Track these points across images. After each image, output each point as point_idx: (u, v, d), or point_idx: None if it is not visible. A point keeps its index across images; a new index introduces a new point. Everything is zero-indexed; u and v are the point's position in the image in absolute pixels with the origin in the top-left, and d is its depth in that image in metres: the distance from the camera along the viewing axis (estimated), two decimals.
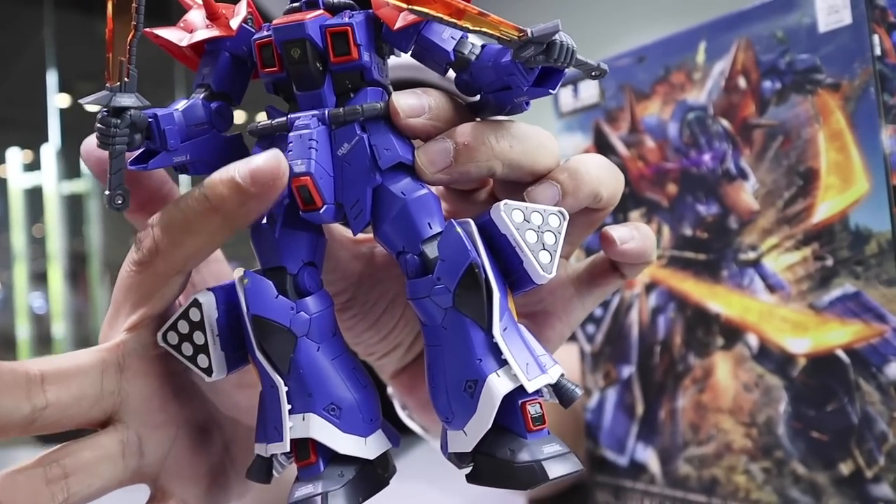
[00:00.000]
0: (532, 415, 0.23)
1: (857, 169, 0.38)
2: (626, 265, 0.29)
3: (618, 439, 0.50)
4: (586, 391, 0.52)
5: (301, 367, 0.24)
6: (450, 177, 0.25)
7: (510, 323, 0.24)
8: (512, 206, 0.24)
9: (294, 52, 0.24)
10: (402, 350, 0.34)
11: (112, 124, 0.23)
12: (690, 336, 0.46)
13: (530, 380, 0.23)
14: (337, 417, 0.24)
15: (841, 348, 0.39)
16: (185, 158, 0.25)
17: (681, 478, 0.46)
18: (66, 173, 3.37)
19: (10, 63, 4.02)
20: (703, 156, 0.45)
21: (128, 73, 0.24)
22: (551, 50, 0.22)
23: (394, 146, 0.24)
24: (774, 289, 0.42)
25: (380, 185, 0.24)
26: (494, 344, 0.23)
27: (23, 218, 3.37)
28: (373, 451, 0.25)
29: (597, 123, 0.50)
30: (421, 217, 0.24)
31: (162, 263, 0.25)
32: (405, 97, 0.25)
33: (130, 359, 0.26)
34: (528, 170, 0.26)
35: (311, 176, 0.23)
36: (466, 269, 0.23)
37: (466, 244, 0.23)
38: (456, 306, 0.23)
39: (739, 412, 0.43)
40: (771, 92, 0.41)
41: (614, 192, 0.27)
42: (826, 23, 0.39)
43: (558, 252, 0.24)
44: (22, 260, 3.36)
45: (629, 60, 0.48)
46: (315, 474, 0.24)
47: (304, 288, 0.25)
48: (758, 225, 0.42)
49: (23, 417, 0.23)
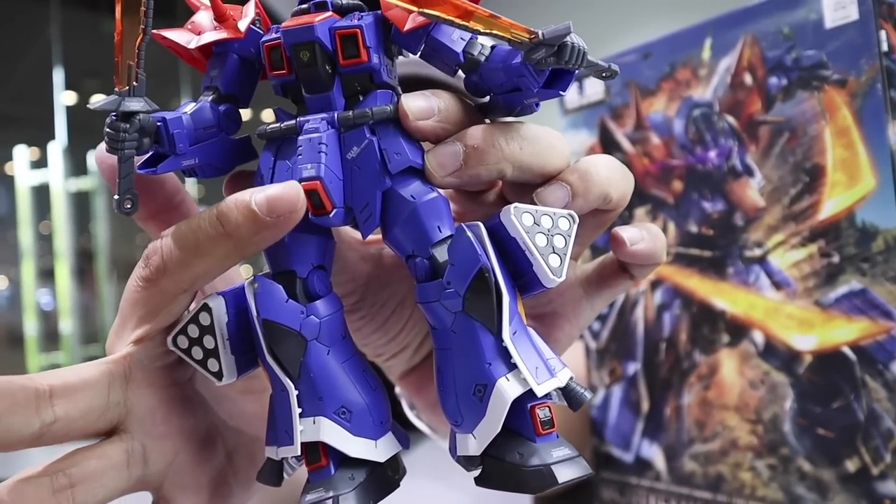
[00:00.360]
0: (541, 418, 0.23)
1: (863, 165, 0.38)
2: (635, 266, 0.29)
3: (623, 436, 0.50)
4: (592, 388, 0.52)
5: (311, 371, 0.24)
6: (460, 180, 0.25)
7: (519, 326, 0.24)
8: (522, 209, 0.24)
9: (303, 54, 0.24)
10: (411, 351, 0.34)
11: (121, 129, 0.23)
12: (696, 333, 0.46)
13: (539, 384, 0.23)
14: (347, 420, 0.24)
15: (847, 345, 0.39)
16: (194, 162, 0.25)
17: (686, 474, 0.46)
18: (73, 171, 3.38)
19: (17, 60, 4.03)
20: (709, 152, 0.45)
21: (136, 77, 0.24)
22: (562, 52, 0.22)
23: (404, 150, 0.24)
24: (780, 286, 0.42)
25: (389, 188, 0.24)
26: (504, 348, 0.23)
27: (30, 215, 3.38)
28: (383, 454, 0.25)
29: (602, 120, 0.50)
30: (431, 221, 0.24)
31: (169, 282, 0.25)
32: (414, 99, 0.24)
33: (136, 370, 0.26)
34: (538, 171, 0.26)
35: (321, 180, 0.23)
36: (476, 273, 0.23)
37: (477, 248, 0.23)
38: (466, 310, 0.23)
39: (745, 409, 0.43)
40: (777, 88, 0.41)
41: (624, 193, 0.27)
42: (832, 19, 0.39)
43: (568, 255, 0.24)
44: (29, 257, 3.37)
45: (635, 57, 0.48)
46: (326, 478, 0.24)
47: (314, 291, 0.25)
48: (764, 222, 0.42)
49: (32, 433, 0.23)
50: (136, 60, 0.24)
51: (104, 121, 0.24)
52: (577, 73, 0.24)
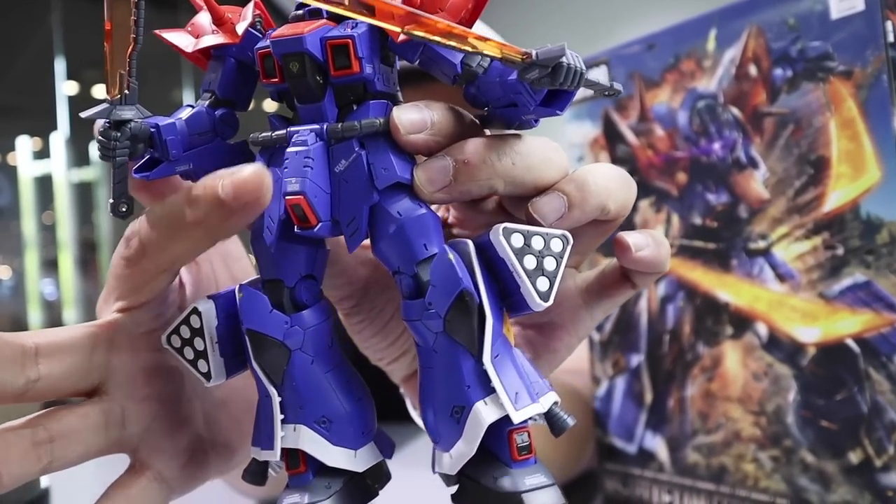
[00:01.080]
0: (518, 444, 0.23)
1: (868, 157, 0.38)
2: (637, 274, 0.29)
3: (627, 427, 0.50)
4: (595, 379, 0.52)
5: (294, 380, 0.24)
6: (450, 196, 0.24)
7: (503, 349, 0.23)
8: (511, 229, 0.23)
9: (293, 65, 0.23)
10: (411, 356, 0.34)
11: (112, 137, 0.24)
12: (699, 325, 0.46)
13: (518, 409, 0.23)
14: (327, 430, 0.25)
15: (851, 337, 0.39)
16: (189, 167, 0.25)
17: (689, 466, 0.46)
18: (76, 161, 3.38)
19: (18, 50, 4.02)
20: (713, 144, 0.44)
21: (128, 85, 0.24)
22: (557, 73, 0.21)
23: (392, 165, 0.24)
24: (784, 278, 0.42)
25: (377, 203, 0.24)
26: (484, 371, 0.23)
27: (33, 205, 3.39)
28: (362, 464, 0.25)
29: (606, 112, 0.50)
30: (417, 238, 0.24)
31: (149, 263, 0.25)
32: (407, 112, 0.24)
33: (120, 335, 0.27)
34: (531, 186, 0.25)
35: (305, 195, 0.23)
36: (457, 296, 0.23)
37: (457, 271, 0.23)
38: (447, 331, 0.23)
39: (748, 401, 0.43)
40: (782, 80, 0.41)
41: (624, 204, 0.27)
42: (838, 9, 0.39)
43: (558, 278, 0.23)
44: (33, 247, 3.37)
45: (639, 48, 0.48)
46: (304, 483, 0.25)
47: (301, 301, 0.25)
48: (768, 214, 0.42)
49: (16, 389, 0.24)
50: (128, 69, 0.24)
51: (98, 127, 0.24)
52: (575, 93, 0.24)
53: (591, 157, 0.51)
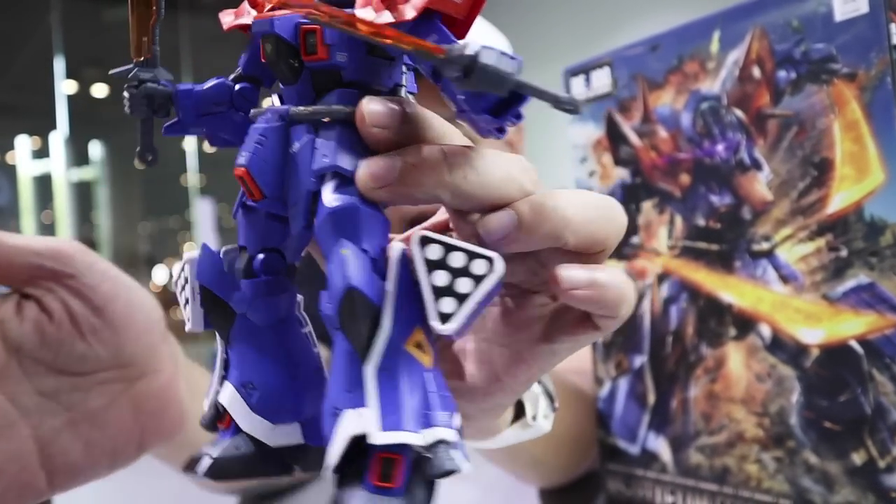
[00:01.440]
0: (381, 469, 0.21)
1: (872, 159, 0.38)
2: (596, 315, 0.25)
3: (630, 428, 0.50)
4: (598, 380, 0.52)
5: (234, 341, 0.26)
6: (391, 196, 0.23)
7: (398, 363, 0.22)
8: (431, 238, 0.22)
9: (267, 46, 0.24)
10: None
11: (132, 94, 0.26)
12: (703, 326, 0.46)
13: (384, 430, 0.21)
14: (248, 395, 0.26)
15: (854, 339, 0.39)
16: (202, 131, 0.27)
17: (692, 466, 0.46)
18: (75, 160, 3.37)
19: (17, 49, 4.02)
20: (717, 146, 0.44)
21: (150, 49, 0.26)
22: (470, 73, 0.20)
23: (333, 153, 0.23)
24: (788, 279, 0.42)
25: (316, 190, 0.23)
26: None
27: (32, 205, 3.39)
28: (277, 440, 0.26)
29: (609, 113, 0.50)
30: (340, 231, 0.23)
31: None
32: (374, 103, 0.23)
33: None
34: (481, 202, 0.24)
35: (247, 168, 0.24)
36: (344, 293, 0.22)
37: (348, 268, 0.22)
38: (341, 328, 0.22)
39: (752, 402, 0.43)
40: (786, 82, 0.41)
41: (590, 237, 0.24)
42: (842, 11, 0.39)
43: (470, 304, 0.21)
44: None
45: (642, 49, 0.48)
46: (222, 438, 0.26)
47: (255, 270, 0.26)
48: (771, 215, 0.42)
49: None
50: (150, 37, 0.26)
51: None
52: (524, 102, 0.22)
53: (594, 159, 0.51)
